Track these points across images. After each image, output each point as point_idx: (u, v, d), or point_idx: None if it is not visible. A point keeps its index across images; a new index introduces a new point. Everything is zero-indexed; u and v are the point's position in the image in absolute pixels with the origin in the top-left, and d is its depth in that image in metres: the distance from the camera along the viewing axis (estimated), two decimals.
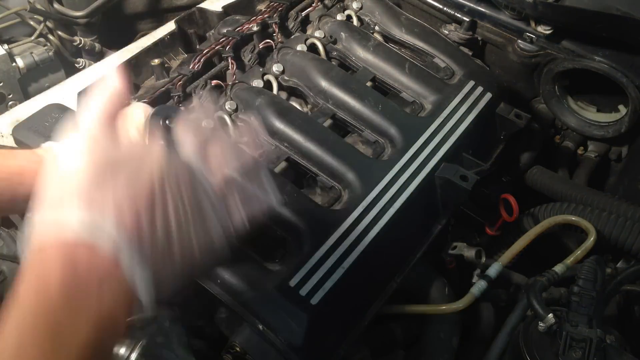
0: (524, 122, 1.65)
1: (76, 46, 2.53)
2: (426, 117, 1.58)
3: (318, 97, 1.61)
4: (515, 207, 1.60)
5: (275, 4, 1.77)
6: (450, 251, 1.58)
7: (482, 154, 1.63)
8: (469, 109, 1.61)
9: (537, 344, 1.27)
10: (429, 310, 1.49)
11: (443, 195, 1.49)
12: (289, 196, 1.35)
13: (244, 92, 1.57)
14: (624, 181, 1.92)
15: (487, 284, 1.45)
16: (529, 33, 1.81)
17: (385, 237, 1.36)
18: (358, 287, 1.33)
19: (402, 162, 1.47)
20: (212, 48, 1.64)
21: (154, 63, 1.71)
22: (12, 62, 2.25)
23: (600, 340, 1.22)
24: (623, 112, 1.82)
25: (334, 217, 1.35)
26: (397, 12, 1.86)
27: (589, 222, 1.53)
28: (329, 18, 1.80)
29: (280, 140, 1.49)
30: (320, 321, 1.22)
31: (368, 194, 1.39)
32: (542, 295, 1.35)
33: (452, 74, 1.73)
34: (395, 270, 1.43)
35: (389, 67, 1.69)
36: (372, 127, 1.55)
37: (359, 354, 1.43)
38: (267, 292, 1.21)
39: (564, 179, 1.89)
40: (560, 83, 1.86)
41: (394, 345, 1.55)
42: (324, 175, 1.45)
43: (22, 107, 1.64)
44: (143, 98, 1.52)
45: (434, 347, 1.46)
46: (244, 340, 1.22)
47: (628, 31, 1.64)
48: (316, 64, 1.63)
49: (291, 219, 1.32)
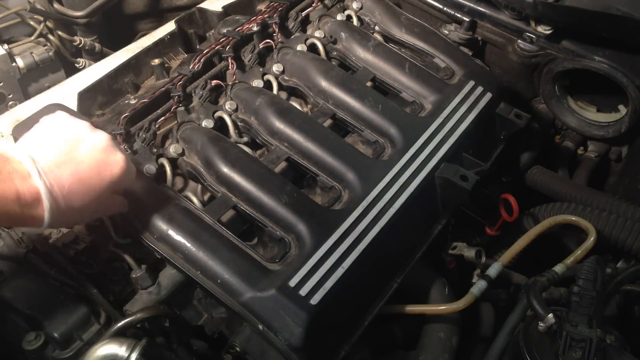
0: (524, 122, 1.65)
1: (76, 46, 2.53)
2: (426, 117, 1.58)
3: (318, 97, 1.61)
4: (515, 207, 1.60)
5: (275, 4, 1.77)
6: (450, 251, 1.58)
7: (482, 154, 1.63)
8: (469, 109, 1.62)
9: (537, 343, 1.28)
10: (429, 310, 1.49)
11: (443, 195, 1.50)
12: (289, 196, 1.35)
13: (244, 92, 1.57)
14: (624, 181, 1.92)
15: (487, 284, 1.45)
16: (529, 33, 1.81)
17: (385, 237, 1.36)
18: (358, 287, 1.33)
19: (402, 162, 1.47)
20: (212, 48, 1.63)
21: (154, 63, 1.72)
22: (12, 62, 2.25)
23: (600, 340, 1.22)
24: (623, 112, 1.82)
25: (334, 217, 1.35)
26: (397, 12, 1.86)
27: (589, 222, 1.53)
28: (329, 18, 1.80)
29: (280, 140, 1.49)
30: (320, 321, 1.22)
31: (368, 194, 1.39)
32: (542, 295, 1.35)
33: (452, 74, 1.73)
34: (395, 271, 1.43)
35: (389, 67, 1.69)
36: (372, 127, 1.55)
37: (359, 353, 1.44)
38: (267, 292, 1.21)
39: (564, 179, 1.89)
40: (560, 83, 1.86)
41: (393, 345, 1.55)
42: (324, 175, 1.45)
43: (22, 107, 1.64)
44: (143, 98, 1.52)
45: (434, 347, 1.46)
46: (244, 340, 1.22)
47: (628, 31, 1.64)
48: (316, 64, 1.63)
49: (291, 219, 1.32)
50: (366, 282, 1.36)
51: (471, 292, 1.43)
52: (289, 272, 1.25)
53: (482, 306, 1.59)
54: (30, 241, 1.30)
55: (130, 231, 1.32)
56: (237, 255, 1.26)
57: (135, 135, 1.45)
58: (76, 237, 1.29)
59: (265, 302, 1.21)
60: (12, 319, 1.26)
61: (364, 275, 1.33)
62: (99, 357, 1.10)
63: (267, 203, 1.34)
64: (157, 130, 1.48)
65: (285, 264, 1.28)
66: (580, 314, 1.25)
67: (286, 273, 1.25)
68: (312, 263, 1.26)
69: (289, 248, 1.31)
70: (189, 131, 1.48)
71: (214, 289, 1.23)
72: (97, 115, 1.62)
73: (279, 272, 1.26)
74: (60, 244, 1.28)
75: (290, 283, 1.23)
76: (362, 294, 1.36)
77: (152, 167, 1.41)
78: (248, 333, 1.23)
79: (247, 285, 1.22)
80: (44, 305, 1.22)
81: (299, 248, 1.30)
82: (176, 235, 1.27)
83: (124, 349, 1.10)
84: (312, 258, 1.27)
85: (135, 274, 1.29)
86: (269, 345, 1.21)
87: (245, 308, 1.21)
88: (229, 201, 1.37)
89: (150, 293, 1.28)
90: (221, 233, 1.30)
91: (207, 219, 1.32)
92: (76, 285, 1.25)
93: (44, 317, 1.20)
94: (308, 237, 1.30)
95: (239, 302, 1.21)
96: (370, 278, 1.36)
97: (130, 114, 1.46)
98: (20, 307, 1.22)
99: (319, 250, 1.28)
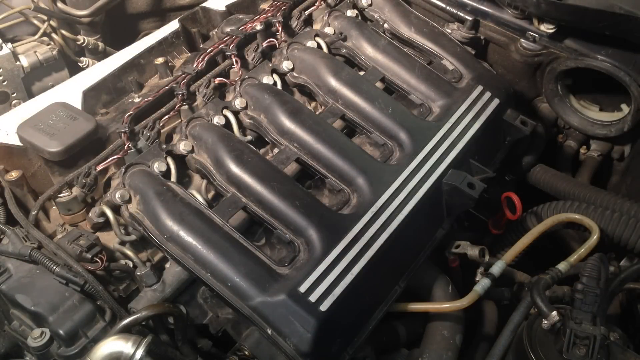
0: (529, 129, 1.65)
1: (80, 45, 2.54)
2: (435, 122, 1.58)
3: (328, 97, 1.60)
4: (518, 205, 1.60)
5: (279, 3, 1.77)
6: (453, 249, 1.58)
7: (487, 159, 1.62)
8: (477, 115, 1.61)
9: (541, 341, 1.28)
10: (433, 309, 1.49)
11: (449, 201, 1.50)
12: (300, 200, 1.35)
13: (253, 88, 1.56)
14: (627, 180, 1.92)
15: (491, 282, 1.45)
16: (532, 32, 1.81)
17: (393, 243, 1.36)
18: (365, 292, 1.33)
19: (411, 167, 1.46)
20: (216, 47, 1.64)
21: (158, 62, 1.72)
22: (16, 61, 2.26)
23: (604, 337, 1.22)
24: (626, 111, 1.82)
25: (344, 222, 1.35)
26: (407, 11, 1.85)
27: (592, 220, 1.53)
28: (339, 14, 1.80)
29: (290, 140, 1.49)
30: (328, 327, 1.22)
31: (377, 200, 1.39)
32: (545, 293, 1.35)
33: (460, 76, 1.72)
34: (400, 275, 1.43)
35: (399, 68, 1.68)
36: (381, 129, 1.55)
37: (363, 352, 1.44)
38: (277, 297, 1.21)
39: (567, 177, 1.89)
40: (563, 82, 1.86)
41: (397, 343, 1.55)
42: (332, 178, 1.45)
43: (26, 105, 1.64)
44: (147, 96, 1.53)
45: (438, 345, 1.46)
46: (253, 344, 1.23)
47: (631, 30, 1.64)
48: (327, 63, 1.62)
49: (302, 223, 1.32)
50: (372, 287, 1.36)
51: (475, 290, 1.43)
52: (299, 277, 1.25)
53: (486, 304, 1.59)
54: (35, 239, 1.30)
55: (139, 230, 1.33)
56: (248, 259, 1.26)
57: (139, 134, 1.46)
58: (81, 235, 1.29)
59: (275, 307, 1.21)
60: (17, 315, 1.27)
61: (370, 281, 1.33)
62: (104, 353, 1.11)
63: (277, 206, 1.34)
64: (161, 128, 1.49)
65: (294, 268, 1.28)
66: (584, 311, 1.25)
67: (296, 278, 1.24)
68: (322, 269, 1.26)
69: (298, 252, 1.31)
70: (199, 128, 1.47)
71: (223, 292, 1.23)
72: (101, 113, 1.62)
73: (289, 276, 1.25)
74: (65, 242, 1.29)
75: (300, 289, 1.22)
76: (368, 299, 1.36)
77: (162, 164, 1.41)
78: (257, 337, 1.23)
79: (257, 290, 1.22)
80: (50, 303, 1.22)
81: (308, 252, 1.30)
82: (187, 236, 1.27)
83: (130, 345, 1.10)
84: (322, 264, 1.26)
85: (140, 271, 1.29)
86: (277, 350, 1.21)
87: (255, 312, 1.21)
88: (238, 202, 1.37)
89: (155, 291, 1.29)
90: (232, 235, 1.30)
91: (217, 219, 1.32)
92: (81, 282, 1.25)
93: (50, 314, 1.21)
94: (318, 242, 1.30)
95: (248, 306, 1.21)
96: (376, 283, 1.37)
97: (134, 112, 1.47)
98: (26, 304, 1.22)
99: (329, 256, 1.28)
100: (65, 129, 1.43)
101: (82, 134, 1.43)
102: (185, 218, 1.29)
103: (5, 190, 1.41)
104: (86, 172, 1.39)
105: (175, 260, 1.29)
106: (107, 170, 1.45)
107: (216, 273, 1.24)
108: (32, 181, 1.47)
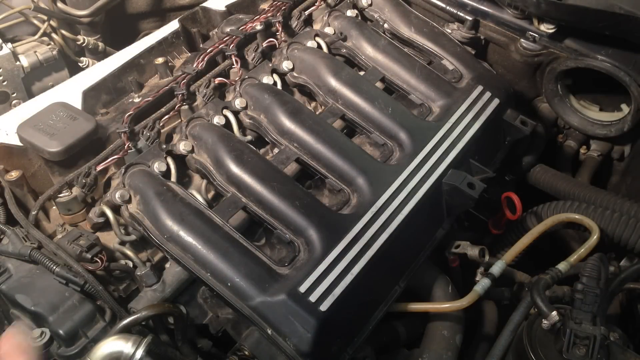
0: (529, 130, 1.65)
1: (80, 45, 2.54)
2: (435, 122, 1.58)
3: (328, 97, 1.60)
4: (518, 205, 1.60)
5: (279, 3, 1.77)
6: (453, 249, 1.58)
7: (486, 158, 1.63)
8: (477, 115, 1.61)
9: (541, 341, 1.28)
10: (433, 309, 1.49)
11: (449, 201, 1.50)
12: (300, 200, 1.35)
13: (253, 88, 1.57)
14: (627, 180, 1.92)
15: (491, 282, 1.45)
16: (532, 32, 1.81)
17: (393, 243, 1.36)
18: (365, 293, 1.33)
19: (411, 167, 1.46)
20: (216, 47, 1.64)
21: (158, 62, 1.72)
22: (16, 61, 2.26)
23: (604, 337, 1.22)
24: (626, 111, 1.82)
25: (344, 222, 1.35)
26: (407, 11, 1.85)
27: (592, 220, 1.53)
28: (339, 14, 1.80)
29: (290, 140, 1.49)
30: (328, 327, 1.23)
31: (377, 200, 1.39)
32: (545, 293, 1.35)
33: (460, 76, 1.72)
34: (400, 276, 1.43)
35: (399, 68, 1.68)
36: (381, 129, 1.55)
37: (363, 352, 1.44)
38: (277, 297, 1.21)
39: (567, 177, 1.89)
40: (563, 82, 1.86)
41: (397, 343, 1.55)
42: (332, 178, 1.45)
43: (27, 105, 1.64)
44: (147, 96, 1.53)
45: (438, 345, 1.46)
46: (253, 344, 1.23)
47: (631, 30, 1.64)
48: (327, 63, 1.63)
49: (302, 223, 1.32)
50: (372, 287, 1.36)
51: (475, 290, 1.43)
52: (299, 277, 1.25)
53: (486, 304, 1.59)
54: (35, 239, 1.30)
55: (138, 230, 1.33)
56: (248, 259, 1.26)
57: (139, 134, 1.46)
58: (81, 235, 1.29)
59: (276, 307, 1.21)
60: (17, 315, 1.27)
61: (370, 281, 1.33)
62: (104, 353, 1.11)
63: (277, 206, 1.34)
64: (161, 128, 1.49)
65: (294, 268, 1.28)
66: (584, 311, 1.25)
67: (296, 278, 1.25)
68: (322, 269, 1.26)
69: (298, 252, 1.31)
70: (199, 128, 1.48)
71: (223, 292, 1.23)
72: (101, 113, 1.62)
73: (289, 276, 1.26)
74: (65, 242, 1.29)
75: (300, 289, 1.23)
76: (368, 299, 1.36)
77: (162, 164, 1.41)
78: (257, 337, 1.23)
79: (257, 290, 1.22)
80: (50, 303, 1.22)
81: (308, 252, 1.30)
82: (187, 236, 1.27)
83: (130, 345, 1.10)
84: (322, 264, 1.27)
85: (139, 271, 1.29)
86: (277, 350, 1.21)
87: (255, 312, 1.21)
88: (238, 202, 1.37)
89: (154, 290, 1.29)
90: (232, 235, 1.30)
91: (217, 219, 1.32)
92: (81, 282, 1.25)
93: (50, 314, 1.21)
94: (318, 242, 1.30)
95: (248, 306, 1.22)
96: (376, 284, 1.37)
97: (134, 112, 1.47)
98: (26, 304, 1.22)
99: (329, 256, 1.28)
100: (65, 129, 1.43)
101: (82, 134, 1.43)
102: (185, 218, 1.29)
103: (5, 190, 1.41)
104: (86, 172, 1.39)
105: (175, 260, 1.29)
106: (107, 170, 1.45)
107: (216, 273, 1.24)
108: (32, 181, 1.47)
